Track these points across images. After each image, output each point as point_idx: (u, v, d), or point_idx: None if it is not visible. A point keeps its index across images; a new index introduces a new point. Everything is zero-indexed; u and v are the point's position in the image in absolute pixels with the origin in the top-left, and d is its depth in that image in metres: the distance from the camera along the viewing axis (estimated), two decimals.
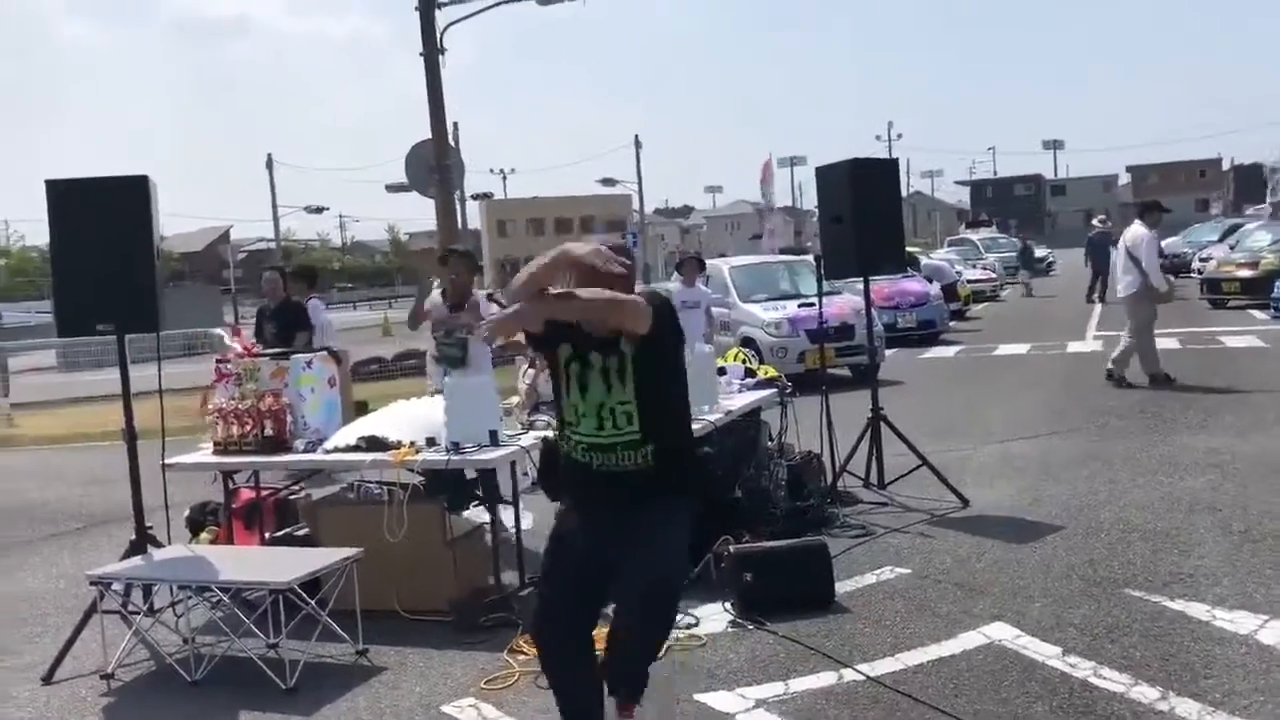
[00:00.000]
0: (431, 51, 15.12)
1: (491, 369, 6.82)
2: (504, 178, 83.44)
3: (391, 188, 24.55)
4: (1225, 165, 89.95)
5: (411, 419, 5.91)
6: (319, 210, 53.71)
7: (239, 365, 6.10)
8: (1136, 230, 11.79)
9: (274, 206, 51.84)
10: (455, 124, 22.45)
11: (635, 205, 61.59)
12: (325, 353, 6.25)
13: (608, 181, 55.65)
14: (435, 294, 7.10)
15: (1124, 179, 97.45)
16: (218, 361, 6.31)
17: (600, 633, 3.69)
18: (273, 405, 5.91)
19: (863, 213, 7.17)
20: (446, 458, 5.47)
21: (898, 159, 7.46)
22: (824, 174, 7.52)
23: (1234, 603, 5.00)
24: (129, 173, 5.42)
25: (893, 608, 5.29)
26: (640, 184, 56.89)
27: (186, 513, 6.87)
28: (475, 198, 73.64)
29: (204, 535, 6.61)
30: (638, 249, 44.42)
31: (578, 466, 3.58)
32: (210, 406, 6.07)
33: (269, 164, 51.13)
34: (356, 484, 6.38)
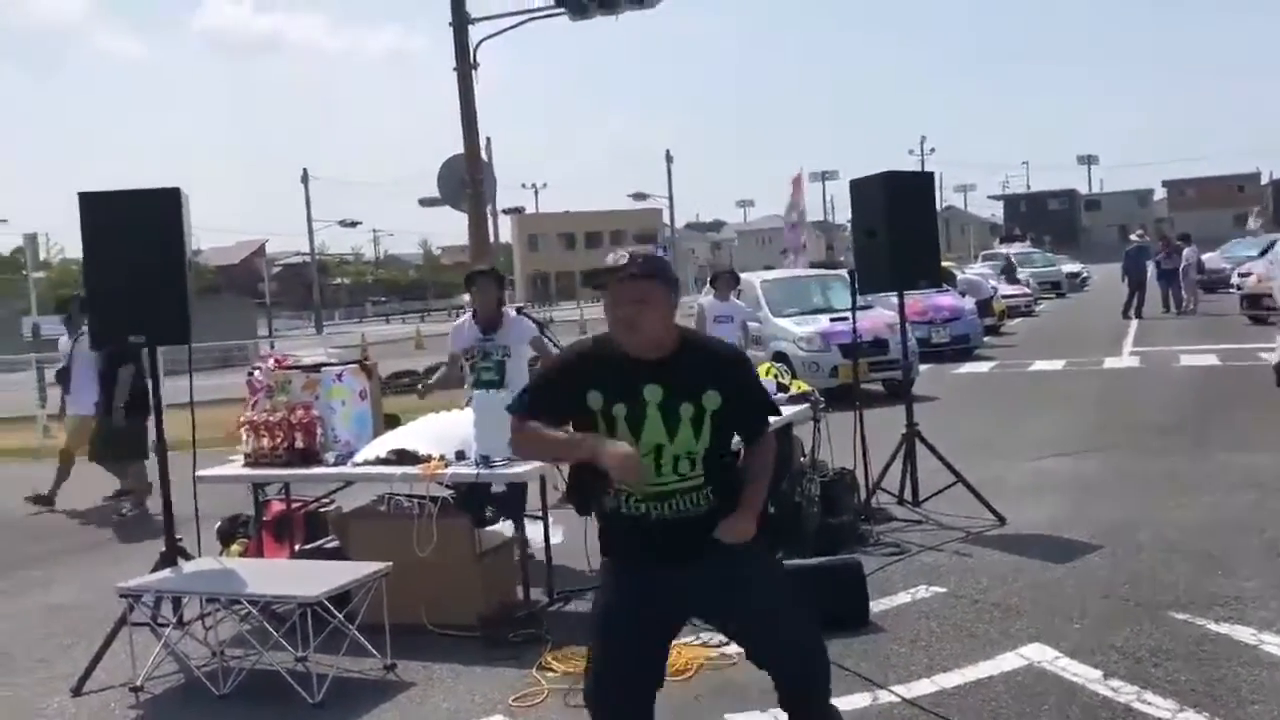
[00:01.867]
0: (464, 66, 15.16)
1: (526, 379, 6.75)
2: (536, 192, 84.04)
3: (425, 202, 24.64)
4: (1264, 180, 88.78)
5: (441, 432, 5.87)
6: (353, 224, 54.25)
7: (270, 377, 6.09)
8: None
9: (309, 220, 52.39)
10: (488, 138, 22.53)
11: (666, 219, 61.64)
12: (356, 365, 6.23)
13: (639, 196, 55.79)
14: (464, 316, 7.04)
15: (1159, 194, 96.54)
16: (249, 373, 6.31)
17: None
18: (303, 418, 5.90)
19: (897, 226, 7.09)
20: (476, 471, 5.43)
21: (933, 172, 7.38)
22: (858, 187, 7.45)
23: None
24: (162, 185, 5.43)
25: (928, 627, 5.20)
26: (671, 198, 56.96)
27: (218, 525, 6.87)
28: (507, 212, 73.98)
29: (235, 547, 6.60)
30: (669, 257, 44.47)
31: (628, 520, 3.16)
32: (241, 419, 6.06)
33: (304, 178, 51.63)
34: (387, 497, 6.36)
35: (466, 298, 7.35)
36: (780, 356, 13.90)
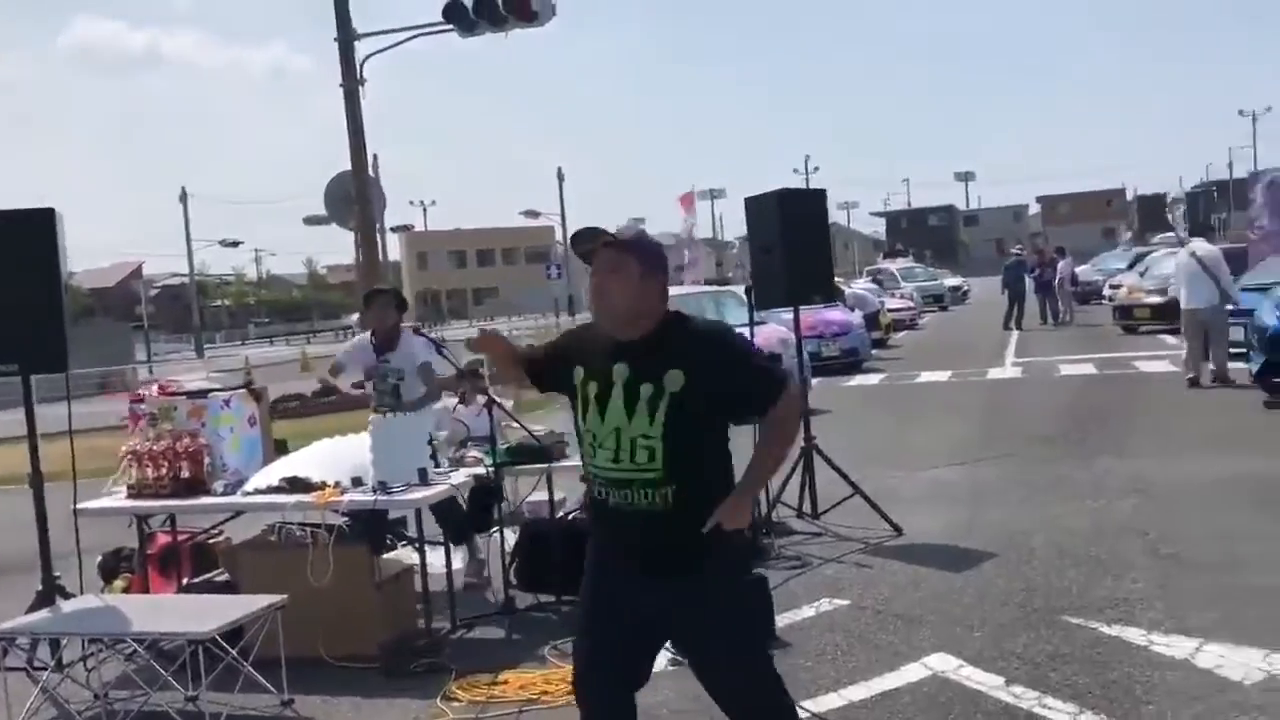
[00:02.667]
0: (351, 82, 14.87)
1: (431, 408, 6.60)
2: (424, 210, 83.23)
3: (310, 220, 24.10)
4: (1129, 195, 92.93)
5: (336, 458, 5.71)
6: (234, 244, 52.74)
7: (154, 404, 5.85)
8: (1210, 248, 12.94)
9: (188, 240, 50.86)
10: (375, 155, 22.20)
11: (558, 236, 61.55)
12: (244, 390, 6.02)
13: (530, 213, 55.53)
14: (362, 336, 6.88)
15: (1034, 209, 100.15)
16: (131, 401, 6.04)
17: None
18: (189, 446, 5.68)
19: (792, 242, 7.17)
20: (374, 498, 5.29)
21: (825, 189, 7.47)
22: (753, 204, 7.51)
23: (1169, 626, 5.03)
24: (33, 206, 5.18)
25: (833, 640, 5.23)
26: (563, 215, 56.89)
27: (99, 559, 6.56)
28: (395, 230, 73.03)
29: (117, 583, 6.31)
30: (562, 279, 44.30)
31: (596, 503, 3.17)
32: (124, 448, 5.80)
33: (183, 197, 50.09)
34: (278, 526, 6.14)
35: (355, 317, 7.22)
36: None
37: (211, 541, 6.41)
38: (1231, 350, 14.73)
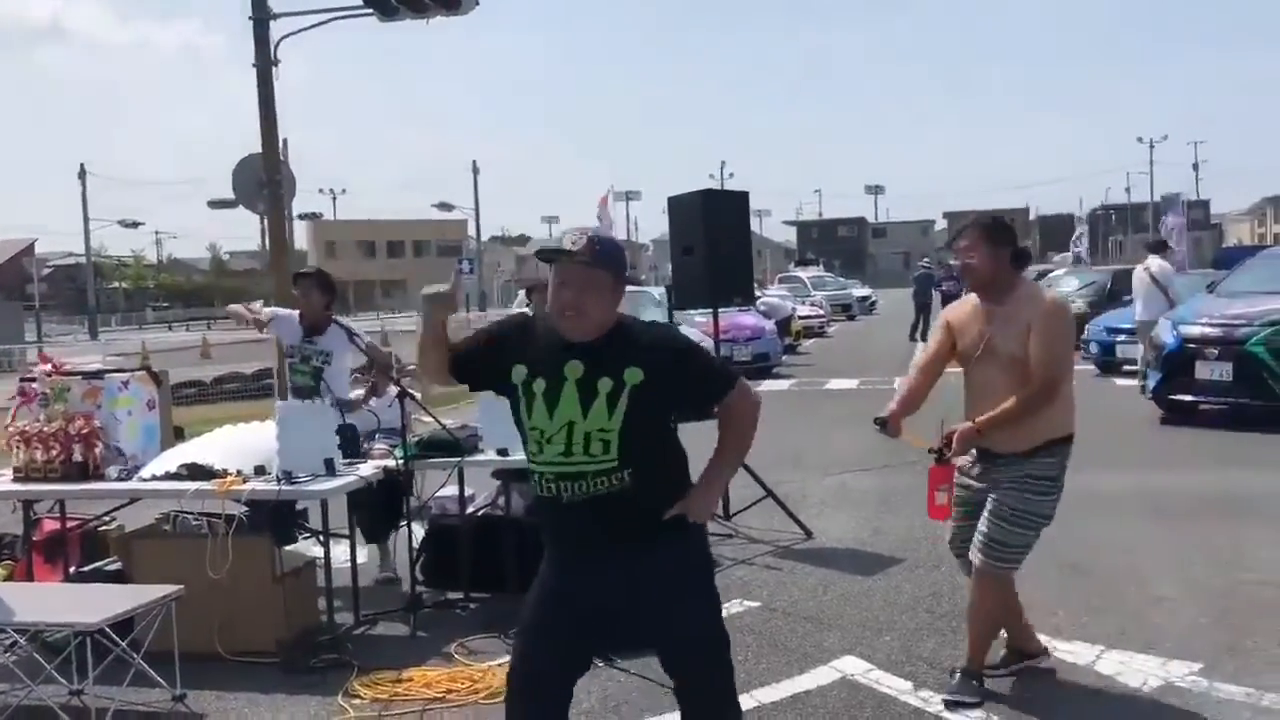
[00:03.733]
0: (264, 62, 14.44)
1: (348, 397, 6.40)
2: (334, 198, 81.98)
3: (214, 204, 23.66)
4: (1032, 215, 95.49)
5: (239, 446, 5.51)
6: (134, 225, 51.10)
7: (46, 384, 5.57)
8: (1163, 264, 13.53)
9: (85, 219, 49.14)
10: (285, 139, 21.67)
11: (471, 231, 60.98)
12: (143, 372, 5.77)
13: (444, 206, 54.99)
14: (291, 311, 6.60)
15: (940, 224, 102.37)
16: (22, 380, 5.75)
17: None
18: (83, 428, 5.42)
19: (714, 243, 7.16)
20: (277, 488, 5.11)
21: (747, 191, 7.47)
22: (676, 204, 7.48)
23: (1070, 633, 5.12)
24: None
25: (743, 642, 5.20)
26: (477, 210, 56.41)
27: None
28: (303, 217, 71.71)
29: None
30: (473, 275, 43.89)
31: (546, 502, 3.09)
32: (9, 428, 5.52)
33: (81, 173, 48.39)
34: (173, 514, 5.91)
35: (258, 304, 6.93)
36: None
37: (103, 529, 6.14)
38: (1127, 368, 15.23)
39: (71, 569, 5.85)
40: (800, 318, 26.08)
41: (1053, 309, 4.36)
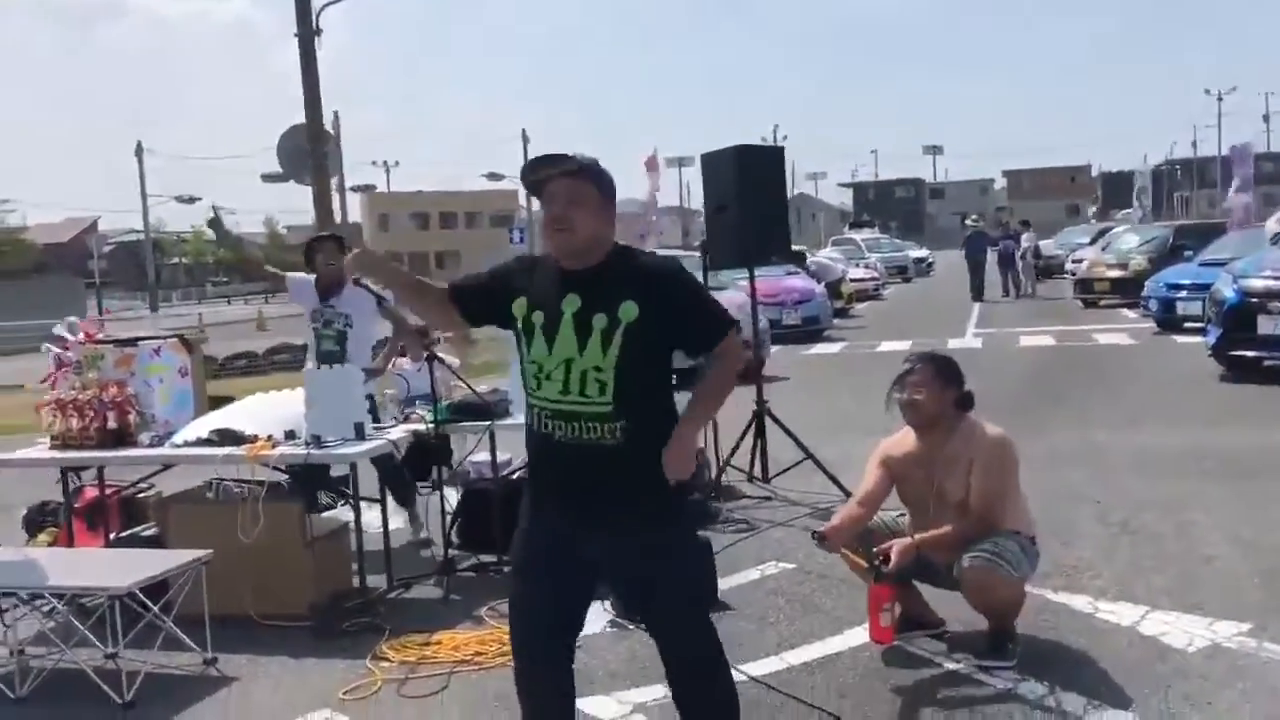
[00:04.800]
0: (306, 30, 14.55)
1: (370, 361, 6.39)
2: (387, 170, 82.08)
3: (267, 177, 23.70)
4: (1094, 172, 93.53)
5: (271, 411, 5.52)
6: (191, 200, 51.67)
7: (80, 352, 5.62)
8: None
9: (143, 196, 49.90)
10: (336, 113, 21.83)
11: (522, 200, 61.04)
12: (175, 340, 5.79)
13: (493, 176, 55.01)
14: (307, 276, 6.57)
15: (1000, 183, 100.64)
16: (56, 350, 5.81)
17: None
18: (116, 396, 5.46)
19: (748, 201, 7.02)
20: (306, 452, 5.10)
21: (783, 146, 7.30)
22: (709, 161, 7.34)
23: (1114, 594, 4.97)
24: None
25: (776, 604, 5.13)
26: None
27: (24, 513, 6.35)
28: (356, 189, 72.18)
29: (42, 537, 6.11)
30: (524, 245, 43.88)
31: (538, 438, 3.05)
32: (46, 397, 5.58)
33: (138, 151, 49.12)
34: (215, 482, 5.95)
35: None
36: None
37: (141, 495, 6.21)
38: (1189, 324, 14.83)
39: (111, 535, 5.92)
40: (852, 280, 25.75)
41: (992, 445, 4.28)
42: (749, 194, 7.03)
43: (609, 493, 2.97)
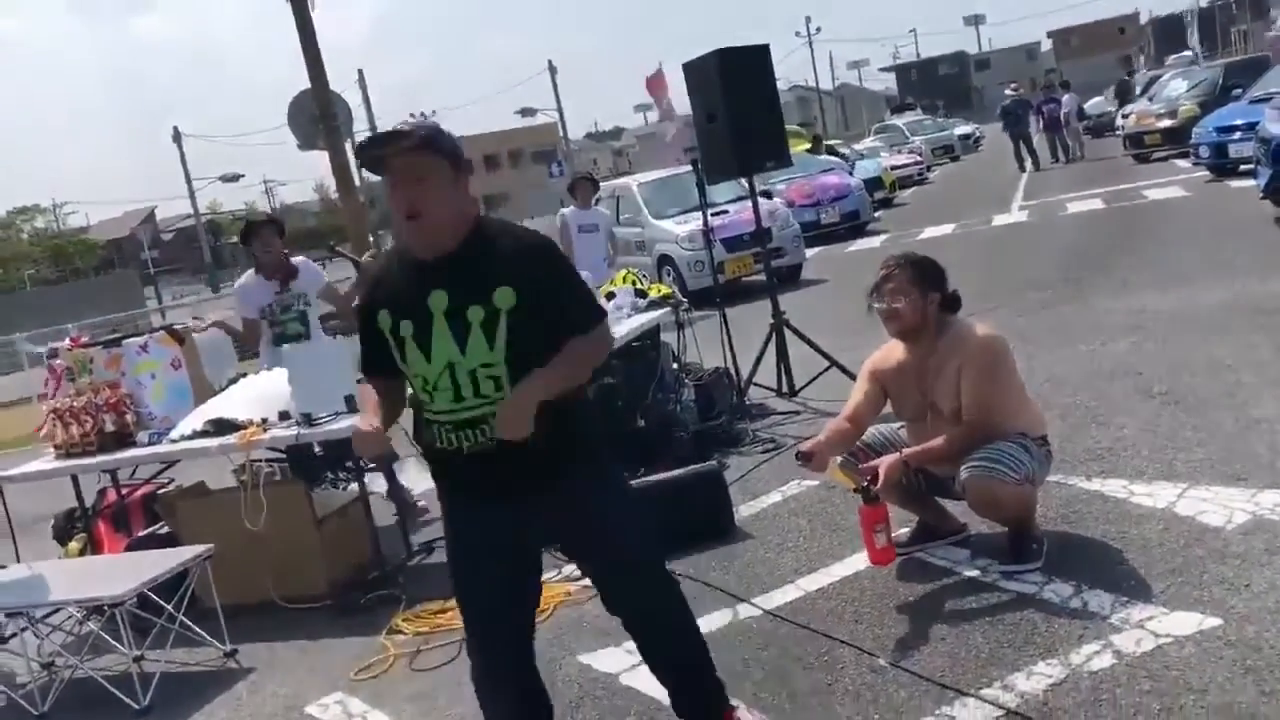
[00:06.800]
0: None
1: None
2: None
3: (303, 146, 23.65)
4: (1144, 19, 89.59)
5: (263, 395, 5.41)
6: (234, 178, 51.99)
7: (68, 358, 5.56)
8: None
9: (188, 179, 50.35)
10: (360, 70, 21.57)
11: (560, 133, 60.41)
12: (162, 333, 5.70)
13: (526, 111, 54.40)
14: (247, 274, 6.32)
15: (1046, 45, 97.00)
16: (48, 358, 5.76)
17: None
18: (110, 398, 5.40)
19: (736, 107, 6.68)
20: (296, 432, 5.00)
21: (768, 44, 6.89)
22: (692, 69, 7.00)
23: (1153, 473, 4.68)
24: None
25: (795, 526, 4.94)
26: (560, 110, 55.74)
27: (52, 523, 6.39)
28: None
29: (73, 545, 6.12)
30: (564, 177, 43.47)
31: (443, 454, 2.79)
32: (44, 408, 5.54)
33: (176, 137, 49.45)
34: (250, 465, 5.84)
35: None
36: (666, 260, 13.53)
37: (161, 491, 6.18)
38: (1244, 168, 14.09)
39: (134, 535, 5.92)
40: (893, 168, 25.00)
41: (980, 347, 3.96)
42: (737, 100, 6.70)
43: (528, 475, 2.76)
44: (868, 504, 3.94)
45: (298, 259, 6.15)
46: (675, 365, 7.11)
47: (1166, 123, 19.42)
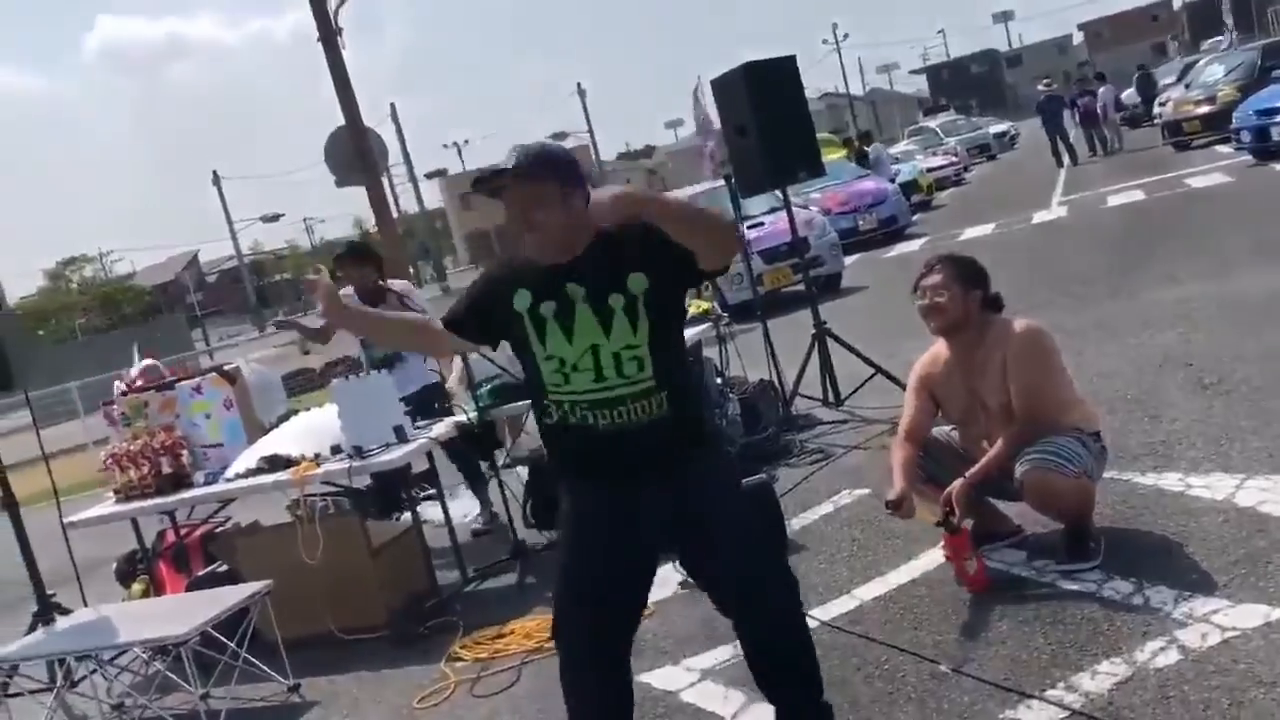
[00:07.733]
0: (327, 32, 14.51)
1: (424, 365, 6.35)
2: (459, 150, 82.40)
3: (340, 182, 23.98)
4: (1176, 4, 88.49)
5: (315, 429, 5.48)
6: (274, 218, 52.72)
7: (124, 404, 5.67)
8: None
9: (229, 221, 51.12)
10: (393, 104, 21.87)
11: (593, 156, 60.72)
12: (214, 374, 5.80)
13: (558, 135, 54.68)
14: (344, 293, 6.50)
15: (1077, 38, 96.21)
16: (104, 405, 5.88)
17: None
18: (166, 440, 5.50)
19: (766, 119, 6.70)
20: (348, 465, 5.06)
21: (794, 55, 6.91)
22: (720, 84, 7.03)
23: (1209, 465, 4.61)
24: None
25: (849, 536, 4.91)
26: (590, 130, 56.09)
27: (114, 566, 6.50)
28: (430, 176, 72.76)
29: (136, 587, 6.23)
30: None
31: (575, 432, 2.85)
32: (103, 454, 5.65)
33: (215, 180, 50.27)
34: (304, 499, 5.92)
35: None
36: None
37: (219, 530, 6.28)
38: None
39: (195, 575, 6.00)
40: (929, 170, 24.85)
41: (1021, 338, 3.98)
42: (766, 111, 6.71)
43: (662, 459, 2.85)
44: (951, 534, 3.93)
45: (397, 283, 6.26)
46: (719, 380, 7.11)
47: (1205, 109, 19.16)
